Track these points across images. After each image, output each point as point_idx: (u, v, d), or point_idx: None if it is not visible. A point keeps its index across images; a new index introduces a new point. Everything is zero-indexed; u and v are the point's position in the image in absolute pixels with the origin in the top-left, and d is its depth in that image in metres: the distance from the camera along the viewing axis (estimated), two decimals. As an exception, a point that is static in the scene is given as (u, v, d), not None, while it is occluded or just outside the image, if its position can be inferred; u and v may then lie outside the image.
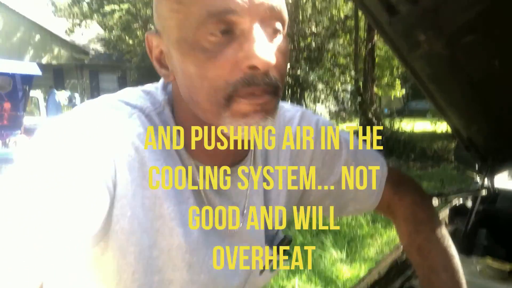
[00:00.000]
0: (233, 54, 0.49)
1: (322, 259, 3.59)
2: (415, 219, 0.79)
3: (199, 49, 0.49)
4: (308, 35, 10.50)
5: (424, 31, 0.92)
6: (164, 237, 0.57)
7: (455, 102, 1.21)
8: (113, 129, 0.52)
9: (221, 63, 0.49)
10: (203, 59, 0.49)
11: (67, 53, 14.33)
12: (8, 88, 4.12)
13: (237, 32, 0.49)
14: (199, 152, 0.59)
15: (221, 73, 0.49)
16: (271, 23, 0.50)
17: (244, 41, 0.48)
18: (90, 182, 0.47)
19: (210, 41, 0.49)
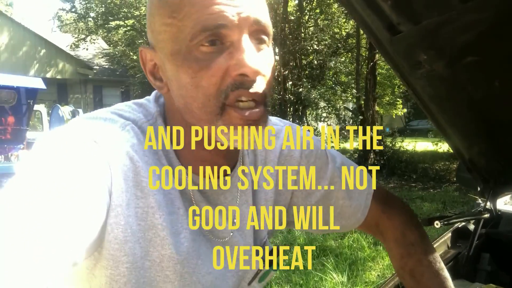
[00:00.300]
0: (224, 63, 0.52)
1: (322, 282, 3.53)
2: (405, 241, 0.79)
3: (192, 60, 0.53)
4: (310, 52, 10.59)
5: (425, 51, 0.91)
6: (155, 248, 0.58)
7: (456, 123, 1.20)
8: (108, 141, 0.54)
9: (213, 72, 0.52)
10: (197, 69, 0.53)
11: (72, 67, 14.48)
12: (13, 102, 4.14)
13: (227, 44, 0.53)
14: (191, 157, 0.61)
15: (214, 81, 0.53)
16: (257, 36, 0.55)
17: (234, 51, 0.52)
18: (88, 191, 0.49)
19: (203, 52, 0.52)
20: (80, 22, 15.52)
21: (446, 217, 1.22)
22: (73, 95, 15.38)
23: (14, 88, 4.01)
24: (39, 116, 8.56)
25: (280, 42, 10.04)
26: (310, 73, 10.11)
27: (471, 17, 0.78)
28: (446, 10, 0.78)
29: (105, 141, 0.54)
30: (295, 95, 9.25)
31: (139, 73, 13.79)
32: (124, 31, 15.29)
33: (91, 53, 16.14)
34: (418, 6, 0.81)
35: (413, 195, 7.56)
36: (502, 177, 1.33)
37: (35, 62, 13.85)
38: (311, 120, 11.08)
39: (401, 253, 0.79)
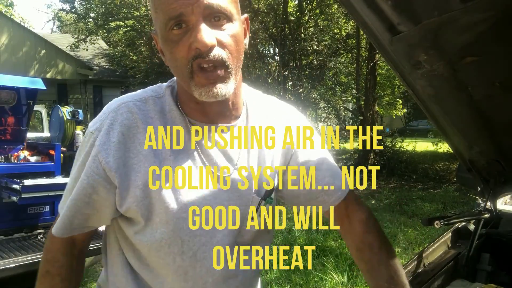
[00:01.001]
0: (187, 41, 0.73)
1: (323, 283, 3.53)
2: (369, 222, 0.95)
3: (169, 41, 0.75)
4: (310, 53, 10.58)
5: (425, 51, 0.91)
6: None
7: (456, 123, 1.20)
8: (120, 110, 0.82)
9: (180, 48, 0.74)
10: (172, 47, 0.75)
11: (72, 68, 14.45)
12: (13, 102, 4.11)
13: (190, 26, 0.73)
14: (192, 113, 0.84)
15: (182, 54, 0.74)
16: (213, 17, 0.73)
17: (192, 32, 0.72)
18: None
19: (174, 34, 0.74)
20: (80, 23, 15.49)
21: (446, 217, 1.22)
22: (73, 96, 15.35)
23: (14, 88, 3.99)
24: (39, 117, 8.55)
25: (280, 42, 10.04)
26: (310, 73, 10.10)
27: (471, 17, 0.78)
28: (446, 10, 0.78)
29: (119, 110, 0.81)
30: (295, 96, 9.24)
31: (139, 73, 13.79)
32: (124, 32, 15.25)
33: (91, 54, 16.12)
34: (418, 6, 0.81)
35: (413, 195, 7.56)
36: (502, 177, 1.33)
37: (35, 62, 13.83)
38: (311, 120, 11.07)
39: (364, 230, 0.94)
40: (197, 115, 0.83)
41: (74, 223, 0.84)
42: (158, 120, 0.81)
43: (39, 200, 3.57)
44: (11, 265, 2.89)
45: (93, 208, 0.82)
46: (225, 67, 0.75)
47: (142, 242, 0.82)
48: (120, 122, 0.79)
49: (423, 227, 5.03)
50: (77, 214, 0.83)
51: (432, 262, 1.34)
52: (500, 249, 1.37)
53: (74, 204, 0.82)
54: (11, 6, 21.07)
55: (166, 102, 0.84)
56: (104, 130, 0.79)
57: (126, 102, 0.82)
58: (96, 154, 0.78)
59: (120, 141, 0.78)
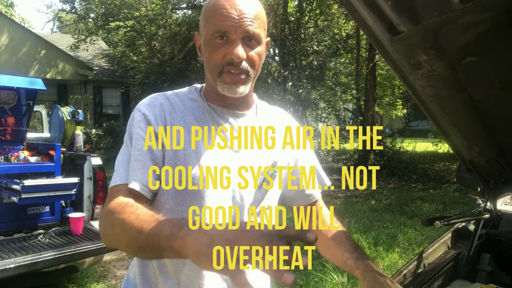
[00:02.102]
0: (225, 50, 0.95)
1: (323, 283, 3.53)
2: (326, 209, 1.23)
3: (211, 46, 0.97)
4: (310, 53, 10.58)
5: (425, 51, 0.91)
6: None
7: (456, 123, 1.20)
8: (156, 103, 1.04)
9: (218, 53, 0.96)
10: (212, 50, 0.97)
11: (72, 68, 14.45)
12: (13, 102, 4.11)
13: (230, 41, 0.96)
14: (214, 101, 1.05)
15: (218, 58, 0.96)
16: (247, 38, 0.96)
17: (230, 46, 0.95)
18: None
19: (216, 42, 0.96)
20: (80, 23, 15.49)
21: (446, 217, 1.22)
22: (73, 96, 15.35)
23: (14, 88, 3.98)
24: (39, 117, 8.55)
25: (280, 43, 10.04)
26: (310, 73, 10.10)
27: (471, 18, 0.78)
28: (446, 10, 0.78)
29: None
30: (295, 96, 9.24)
31: (139, 73, 13.78)
32: (124, 32, 15.25)
33: (91, 54, 16.12)
34: (418, 7, 0.81)
35: (413, 195, 7.56)
36: (502, 178, 1.33)
37: (35, 63, 13.83)
38: (311, 120, 11.08)
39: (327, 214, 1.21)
40: (218, 103, 1.05)
41: (145, 177, 0.95)
42: (187, 106, 1.04)
43: (39, 201, 3.56)
44: (11, 266, 2.89)
45: (155, 163, 0.97)
46: (247, 75, 0.98)
47: (164, 198, 0.98)
48: (160, 102, 1.02)
49: (423, 227, 5.03)
50: (145, 168, 0.95)
51: (432, 262, 1.34)
52: (500, 249, 1.37)
53: (141, 158, 0.96)
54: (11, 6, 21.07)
55: (192, 95, 1.07)
56: (147, 104, 1.02)
57: (163, 93, 1.06)
58: (147, 120, 0.98)
59: (160, 114, 1.00)
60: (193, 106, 1.05)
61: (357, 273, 1.01)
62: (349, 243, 1.09)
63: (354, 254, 1.04)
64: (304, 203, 1.19)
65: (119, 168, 0.99)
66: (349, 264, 1.04)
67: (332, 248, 1.11)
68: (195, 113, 1.04)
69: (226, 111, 1.06)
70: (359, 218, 5.80)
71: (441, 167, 10.66)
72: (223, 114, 1.05)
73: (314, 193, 1.20)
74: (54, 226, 3.77)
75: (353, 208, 6.59)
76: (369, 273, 0.97)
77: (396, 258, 4.20)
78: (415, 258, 1.32)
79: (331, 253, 1.12)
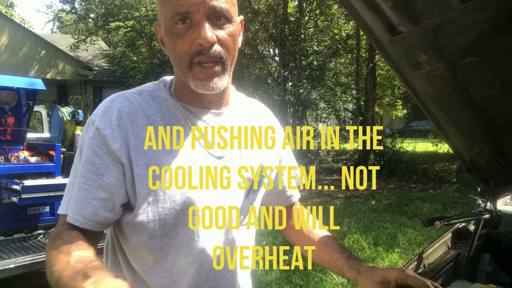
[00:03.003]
0: (190, 36, 0.80)
1: (323, 283, 3.53)
2: (306, 209, 1.17)
3: (173, 34, 0.82)
4: (310, 53, 10.58)
5: (425, 52, 0.91)
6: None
7: (456, 123, 1.20)
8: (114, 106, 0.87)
9: (184, 42, 0.81)
10: (175, 39, 0.82)
11: (72, 68, 14.45)
12: (13, 103, 4.11)
13: (194, 23, 0.80)
14: (187, 100, 0.90)
15: (184, 48, 0.81)
16: (215, 17, 0.81)
17: (196, 29, 0.80)
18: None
19: (179, 28, 0.81)
20: (80, 23, 15.48)
21: (446, 217, 1.22)
22: (73, 96, 15.35)
23: (14, 89, 3.99)
24: (39, 117, 8.55)
25: (280, 43, 10.04)
26: (310, 74, 10.10)
27: (471, 18, 0.78)
28: (446, 10, 0.78)
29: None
30: (295, 96, 9.24)
31: (139, 74, 13.78)
32: (124, 32, 15.25)
33: (91, 54, 16.12)
34: (418, 7, 0.81)
35: (413, 196, 7.56)
36: (502, 178, 1.33)
37: (35, 63, 13.83)
38: (311, 121, 11.07)
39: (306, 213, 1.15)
40: (191, 102, 0.90)
41: (87, 210, 0.81)
42: (154, 108, 0.87)
43: (39, 201, 3.57)
44: (11, 266, 2.89)
45: (106, 191, 0.82)
46: (222, 63, 0.83)
47: (143, 220, 0.84)
48: (118, 108, 0.85)
49: (423, 227, 5.03)
50: (89, 199, 0.82)
51: (432, 262, 1.34)
52: (500, 250, 1.37)
53: (85, 188, 0.82)
54: (11, 6, 21.07)
55: (160, 93, 0.91)
56: (101, 114, 0.85)
57: (123, 93, 0.90)
58: (101, 136, 0.82)
59: (119, 124, 0.83)
60: (162, 108, 0.88)
61: (350, 273, 0.95)
62: (335, 243, 1.04)
63: (344, 255, 0.98)
64: (284, 204, 1.14)
65: (67, 192, 0.86)
66: (339, 265, 0.98)
67: (318, 249, 1.05)
68: (165, 116, 0.87)
69: (204, 111, 0.91)
70: (359, 218, 5.80)
71: (441, 167, 10.66)
72: (200, 115, 0.90)
73: (294, 193, 1.14)
74: (54, 226, 3.76)
75: (353, 208, 6.59)
76: (365, 267, 0.92)
77: (396, 259, 4.19)
78: (415, 258, 1.32)
79: (316, 254, 1.06)
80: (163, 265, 0.87)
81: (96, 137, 0.83)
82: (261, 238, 4.60)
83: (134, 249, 0.88)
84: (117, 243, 0.92)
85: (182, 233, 0.86)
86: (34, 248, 3.25)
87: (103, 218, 0.83)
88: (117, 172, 0.82)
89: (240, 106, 1.01)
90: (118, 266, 0.92)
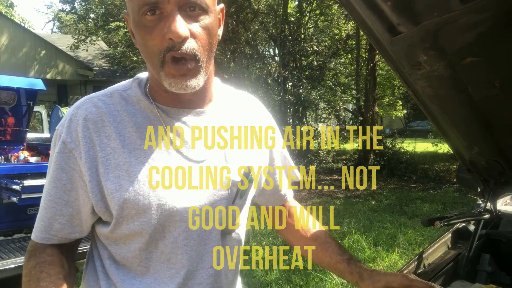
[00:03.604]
0: (161, 30, 0.71)
1: (323, 283, 3.53)
2: (304, 209, 1.12)
3: (141, 26, 0.73)
4: (310, 53, 10.58)
5: (425, 52, 0.91)
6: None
7: (456, 124, 1.20)
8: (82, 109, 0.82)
9: (154, 36, 0.72)
10: (144, 33, 0.73)
11: (72, 68, 14.45)
12: (13, 103, 4.12)
13: (164, 14, 0.71)
14: (163, 100, 0.83)
15: (155, 43, 0.73)
16: (188, 8, 0.72)
17: (167, 21, 0.71)
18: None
19: (148, 20, 0.72)
20: (80, 23, 15.49)
21: (446, 217, 1.22)
22: (73, 96, 15.35)
23: (14, 89, 3.99)
24: (39, 117, 8.56)
25: (280, 43, 10.03)
26: (310, 74, 10.10)
27: (471, 18, 0.78)
28: (446, 11, 0.78)
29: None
30: (295, 96, 9.24)
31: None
32: (124, 32, 15.25)
33: (91, 54, 16.12)
34: (418, 7, 0.81)
35: (413, 196, 7.56)
36: (502, 178, 1.33)
37: (35, 63, 13.83)
38: (311, 121, 11.07)
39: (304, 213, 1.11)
40: (168, 102, 0.82)
41: (54, 227, 0.81)
42: (124, 112, 0.80)
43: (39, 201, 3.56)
44: (11, 266, 2.89)
45: (73, 207, 0.80)
46: (196, 60, 0.74)
47: (121, 235, 0.80)
48: (84, 117, 0.78)
49: (423, 227, 5.03)
50: (56, 216, 0.81)
51: (432, 262, 1.34)
52: (501, 250, 1.37)
53: (52, 205, 0.80)
54: (12, 6, 21.07)
55: (133, 93, 0.83)
56: (67, 124, 0.79)
57: (91, 97, 0.82)
58: (68, 149, 0.78)
59: (85, 135, 0.77)
60: (135, 111, 0.81)
61: (352, 278, 0.91)
62: (334, 244, 1.00)
63: (345, 257, 0.95)
64: (278, 203, 1.10)
65: (40, 208, 0.85)
66: (340, 268, 0.94)
67: (317, 249, 1.01)
68: (138, 120, 0.80)
69: (183, 112, 0.83)
70: (359, 219, 5.80)
71: (441, 168, 10.65)
72: (178, 116, 0.82)
73: (288, 192, 1.10)
74: (54, 227, 3.77)
75: (353, 208, 6.58)
76: (367, 272, 0.89)
77: (396, 259, 4.19)
78: (415, 258, 1.32)
79: (315, 255, 1.01)
80: (142, 279, 0.82)
81: (63, 151, 0.78)
82: (261, 238, 4.60)
83: (112, 260, 0.84)
84: (95, 250, 0.88)
85: (162, 246, 0.80)
86: (34, 248, 3.25)
87: (70, 233, 0.82)
88: (83, 188, 0.78)
89: (226, 102, 0.92)
90: (94, 274, 0.86)
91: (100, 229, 0.84)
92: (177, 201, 0.79)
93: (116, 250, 0.83)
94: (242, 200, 0.90)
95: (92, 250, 0.90)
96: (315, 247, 1.02)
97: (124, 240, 0.81)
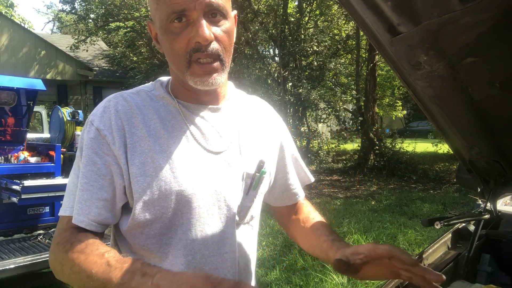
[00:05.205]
0: (188, 34, 0.81)
1: (323, 284, 3.53)
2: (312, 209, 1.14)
3: (169, 33, 0.82)
4: (310, 54, 10.58)
5: (425, 52, 0.91)
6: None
7: (456, 124, 1.20)
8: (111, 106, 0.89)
9: (181, 40, 0.81)
10: (172, 38, 0.82)
11: (72, 69, 14.44)
12: (13, 103, 4.12)
13: (190, 21, 0.80)
14: (184, 98, 0.91)
15: (182, 46, 0.82)
16: (211, 15, 0.81)
17: (194, 26, 0.80)
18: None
19: (175, 27, 0.81)
20: (80, 24, 15.47)
21: (446, 218, 1.22)
22: (73, 96, 15.34)
23: (14, 89, 3.99)
24: (39, 117, 8.55)
25: (280, 43, 10.04)
26: (310, 74, 10.10)
27: (471, 18, 0.78)
28: (446, 11, 0.78)
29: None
30: (295, 96, 9.24)
31: (139, 74, 13.77)
32: (124, 33, 15.24)
33: (91, 55, 16.11)
34: (418, 7, 0.81)
35: (413, 196, 7.56)
36: (502, 178, 1.33)
37: (35, 63, 13.82)
38: (311, 121, 11.07)
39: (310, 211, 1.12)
40: (189, 99, 0.91)
41: (92, 211, 0.82)
42: (150, 106, 0.89)
43: (39, 201, 3.57)
44: (11, 266, 2.89)
45: (107, 192, 0.84)
46: (220, 60, 0.84)
47: (142, 220, 0.84)
48: (116, 108, 0.87)
49: (423, 228, 5.03)
50: (93, 200, 0.83)
51: (432, 263, 1.34)
52: (500, 250, 1.37)
53: (89, 188, 0.83)
54: (12, 7, 21.07)
55: (157, 92, 0.93)
56: (100, 113, 0.86)
57: (121, 93, 0.91)
58: (102, 136, 0.84)
59: (117, 123, 0.85)
60: (159, 106, 0.90)
61: (331, 253, 0.90)
62: (326, 228, 1.02)
63: (331, 237, 0.96)
64: (289, 202, 1.12)
65: (68, 193, 0.87)
66: (324, 246, 0.95)
67: (309, 236, 1.04)
68: (161, 113, 0.89)
69: (201, 107, 0.92)
70: (359, 219, 5.80)
71: (441, 168, 10.65)
72: (197, 111, 0.91)
73: (299, 191, 1.12)
74: (54, 227, 3.77)
75: (353, 208, 6.58)
76: (345, 245, 0.90)
77: (396, 259, 4.19)
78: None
79: (309, 242, 1.03)
80: (162, 266, 0.84)
81: (97, 137, 0.84)
82: (261, 238, 4.60)
83: (133, 250, 0.88)
84: (116, 245, 0.92)
85: (181, 233, 0.86)
86: (34, 249, 3.25)
87: (105, 219, 0.85)
88: (117, 173, 0.84)
89: (239, 101, 1.01)
90: None
91: (122, 218, 0.89)
92: (196, 188, 0.86)
93: (135, 241, 0.87)
94: (255, 191, 0.95)
95: (113, 244, 0.94)
96: (308, 233, 1.05)
97: (144, 227, 0.85)
